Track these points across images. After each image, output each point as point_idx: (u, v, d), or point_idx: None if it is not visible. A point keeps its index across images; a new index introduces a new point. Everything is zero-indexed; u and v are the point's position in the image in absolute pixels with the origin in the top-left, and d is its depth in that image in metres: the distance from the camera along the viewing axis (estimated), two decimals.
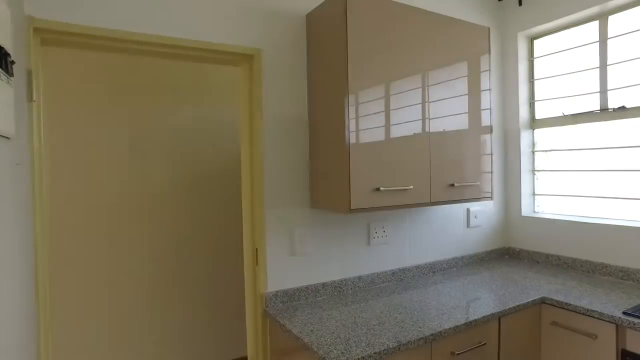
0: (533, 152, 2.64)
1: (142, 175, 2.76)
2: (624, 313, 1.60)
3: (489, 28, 2.09)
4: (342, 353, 1.32)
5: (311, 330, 1.51)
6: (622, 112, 2.19)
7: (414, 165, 1.78)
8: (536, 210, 2.63)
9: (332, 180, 1.71)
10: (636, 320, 1.54)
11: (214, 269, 3.01)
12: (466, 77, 2.00)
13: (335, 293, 1.94)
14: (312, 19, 1.84)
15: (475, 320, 1.60)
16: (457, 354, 1.56)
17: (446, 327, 1.52)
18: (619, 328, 1.61)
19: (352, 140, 1.61)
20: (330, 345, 1.38)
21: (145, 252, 2.77)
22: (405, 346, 1.40)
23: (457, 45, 1.96)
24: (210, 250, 2.99)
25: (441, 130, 1.88)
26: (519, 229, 2.59)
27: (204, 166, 2.97)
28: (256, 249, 1.80)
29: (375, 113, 1.67)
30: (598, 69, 2.30)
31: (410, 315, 1.64)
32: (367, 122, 1.65)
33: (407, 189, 1.75)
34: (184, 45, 1.62)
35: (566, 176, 2.46)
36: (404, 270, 2.15)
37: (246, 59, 1.80)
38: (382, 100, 1.69)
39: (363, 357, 1.31)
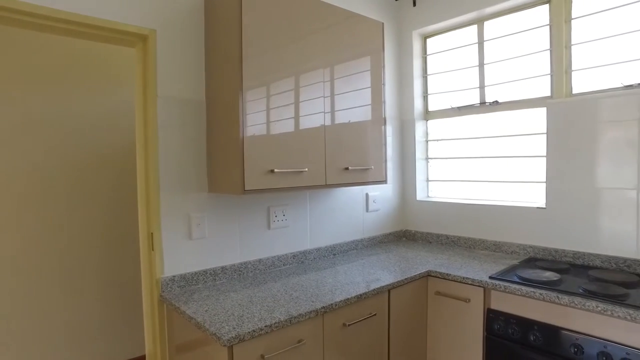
0: (427, 142, 2.87)
1: (30, 163, 2.53)
2: (490, 277, 1.82)
3: (383, 23, 2.24)
4: (234, 328, 1.35)
5: (205, 311, 1.52)
6: (496, 106, 2.47)
7: (309, 149, 1.86)
8: (430, 195, 2.87)
9: (227, 162, 1.72)
10: (497, 283, 1.77)
11: (109, 260, 2.85)
12: (362, 71, 2.12)
13: (236, 276, 1.95)
14: (210, 3, 1.83)
15: (366, 293, 1.71)
16: (349, 325, 1.66)
17: (337, 300, 1.61)
18: (486, 291, 1.83)
19: (247, 124, 1.63)
20: (222, 323, 1.40)
21: (31, 244, 2.55)
22: (297, 319, 1.46)
23: (353, 39, 2.06)
24: (104, 240, 2.83)
25: (337, 118, 1.98)
26: (414, 212, 2.80)
27: (98, 152, 2.81)
28: (151, 233, 1.75)
29: (268, 97, 1.71)
30: (477, 67, 2.57)
31: (306, 292, 1.71)
32: (260, 106, 1.68)
33: (302, 172, 1.82)
34: (72, 20, 1.53)
35: (454, 163, 2.72)
36: (304, 252, 2.23)
37: (141, 39, 1.75)
38: (276, 86, 1.74)
39: (254, 331, 1.34)
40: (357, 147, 2.08)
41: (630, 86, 1.96)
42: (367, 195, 2.59)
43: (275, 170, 1.71)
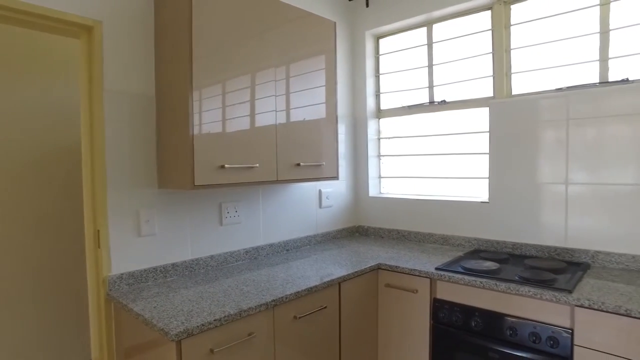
0: (379, 139, 2.95)
1: None
2: (436, 269, 1.91)
3: (335, 23, 2.28)
4: (182, 323, 1.34)
5: (154, 307, 1.50)
6: (444, 105, 2.58)
7: (260, 145, 1.87)
8: (382, 191, 2.95)
9: (177, 158, 1.70)
10: (442, 273, 1.86)
11: (51, 261, 2.73)
12: (314, 70, 2.15)
13: (187, 273, 1.94)
14: None
15: (317, 286, 1.75)
16: (299, 317, 1.69)
17: (288, 293, 1.64)
18: (432, 281, 1.92)
19: (197, 121, 1.62)
20: (171, 318, 1.39)
21: None
22: (247, 312, 1.47)
23: (306, 38, 2.09)
24: (49, 239, 2.71)
25: (288, 116, 2.00)
26: (367, 208, 2.88)
27: (40, 149, 2.68)
28: (98, 230, 1.71)
29: (219, 95, 1.71)
30: (427, 68, 2.68)
31: (257, 287, 1.72)
32: (211, 103, 1.68)
33: (253, 167, 1.83)
34: (8, 5, 1.46)
35: (405, 160, 2.81)
36: (257, 248, 2.24)
37: (85, 30, 1.70)
38: (227, 84, 1.74)
39: (203, 325, 1.34)
40: (308, 144, 2.11)
41: (561, 89, 2.11)
42: (320, 191, 2.63)
43: (226, 165, 1.72)
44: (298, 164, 2.04)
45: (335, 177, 2.28)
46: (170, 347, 1.31)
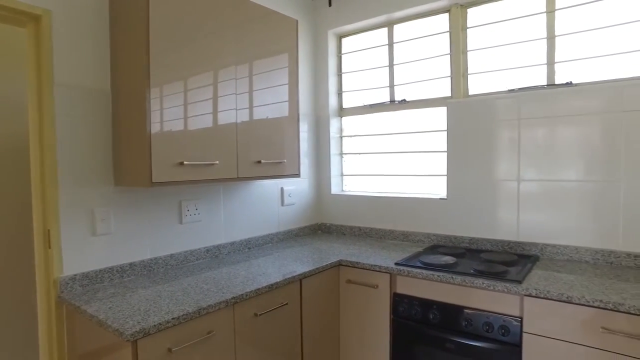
0: (341, 137, 2.98)
1: None
2: (396, 264, 1.96)
3: (297, 21, 2.29)
4: (139, 322, 1.31)
5: (109, 308, 1.45)
6: (404, 104, 2.64)
7: (220, 142, 1.85)
8: (344, 189, 2.99)
9: (134, 154, 1.65)
10: (402, 268, 1.90)
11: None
12: (276, 68, 2.15)
13: (145, 272, 1.89)
14: None
15: (277, 283, 1.75)
16: (260, 314, 1.68)
17: (248, 290, 1.63)
18: (392, 276, 1.96)
19: (155, 117, 1.59)
20: (127, 318, 1.35)
21: None
22: (206, 310, 1.46)
23: (267, 36, 2.08)
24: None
25: (249, 114, 1.99)
26: (329, 206, 2.90)
27: None
28: (48, 230, 1.63)
29: (177, 92, 1.68)
30: (388, 67, 2.73)
31: (217, 285, 1.70)
32: (169, 100, 1.65)
33: (213, 164, 1.80)
34: None
35: (367, 158, 2.86)
36: (218, 247, 2.21)
37: (32, 19, 1.62)
38: (185, 82, 1.71)
39: (160, 324, 1.32)
40: (270, 142, 2.11)
41: (513, 90, 2.21)
42: (282, 189, 2.63)
43: (185, 162, 1.69)
44: (259, 162, 2.03)
45: (297, 175, 2.28)
46: (126, 347, 1.28)
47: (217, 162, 1.82)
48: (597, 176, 1.94)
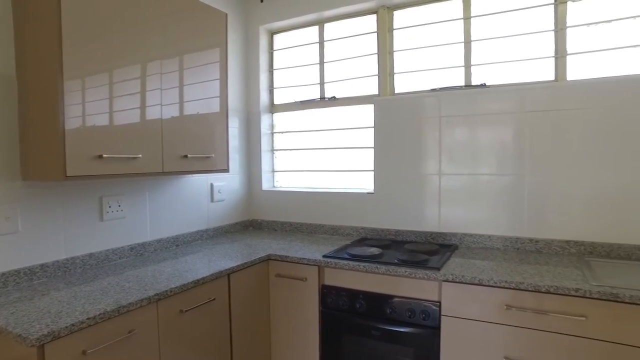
0: (272, 134, 2.98)
1: None
2: (324, 256, 2.00)
3: (226, 14, 2.25)
4: (47, 325, 1.22)
5: (11, 313, 1.33)
6: (334, 101, 2.70)
7: (144, 135, 1.77)
8: (275, 185, 2.99)
9: (46, 146, 1.53)
10: (329, 260, 1.95)
11: None
12: (205, 63, 2.10)
13: (60, 273, 1.76)
14: None
15: (204, 278, 1.72)
16: (186, 311, 1.64)
17: (173, 286, 1.58)
18: (320, 268, 2.00)
19: (70, 110, 1.48)
20: (33, 322, 1.25)
21: None
22: (126, 308, 1.39)
23: (195, 29, 2.03)
24: None
25: (176, 108, 1.93)
26: (261, 202, 2.89)
27: None
28: None
29: (96, 86, 1.59)
30: (318, 65, 2.78)
31: (140, 282, 1.64)
32: (86, 91, 1.55)
33: (136, 158, 1.73)
34: None
35: (298, 154, 2.88)
36: (144, 244, 2.12)
37: None
38: (104, 74, 1.62)
39: (73, 325, 1.24)
40: (197, 137, 2.05)
41: (435, 90, 2.35)
42: (211, 185, 2.57)
43: (104, 155, 1.59)
44: (185, 156, 1.97)
45: (226, 170, 2.25)
46: (31, 353, 1.19)
47: (140, 155, 1.75)
48: (507, 170, 2.11)
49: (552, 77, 2.12)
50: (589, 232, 1.97)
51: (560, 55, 2.10)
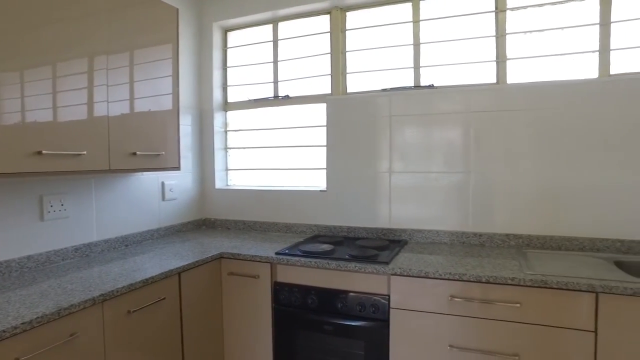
0: (226, 132, 2.96)
1: None
2: (276, 253, 2.01)
3: (177, 9, 2.21)
4: None
5: None
6: (288, 100, 2.72)
7: (89, 132, 1.70)
8: (229, 183, 2.97)
9: None
10: (281, 257, 1.97)
11: None
12: (155, 60, 2.06)
13: None
14: None
15: (153, 277, 1.68)
16: (134, 311, 1.60)
17: (119, 286, 1.54)
18: (272, 265, 2.01)
19: (4, 105, 1.41)
20: None
21: None
22: (68, 310, 1.34)
23: (144, 24, 1.97)
24: None
25: (124, 104, 1.88)
26: (214, 201, 2.86)
27: None
28: None
29: (34, 80, 1.52)
30: (272, 63, 2.78)
31: (85, 284, 1.58)
32: (27, 88, 1.48)
33: (80, 155, 1.66)
34: None
35: (252, 152, 2.87)
36: (90, 245, 2.04)
37: None
38: (44, 66, 1.55)
39: (4, 331, 1.16)
40: (146, 134, 2.00)
41: (385, 90, 2.42)
42: (163, 183, 2.52)
43: (44, 151, 1.53)
44: (134, 153, 1.92)
45: (177, 168, 2.21)
46: None
47: (85, 152, 1.68)
48: (454, 168, 2.21)
49: (494, 80, 2.25)
50: (527, 225, 2.10)
51: (500, 59, 2.22)
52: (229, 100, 2.95)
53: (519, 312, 1.59)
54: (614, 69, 2.04)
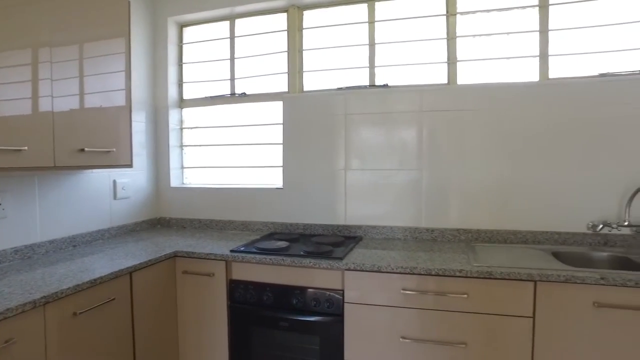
0: (181, 129, 2.90)
1: None
2: (231, 251, 2.00)
3: (129, 2, 2.14)
4: None
5: None
6: (244, 97, 2.70)
7: (31, 127, 1.63)
8: (185, 181, 2.91)
9: None
10: (236, 255, 1.95)
11: None
12: (106, 54, 1.99)
13: None
14: None
15: (102, 278, 1.62)
16: (80, 313, 1.54)
17: (64, 287, 1.48)
18: (228, 263, 1.99)
19: None
20: None
21: None
22: (3, 315, 1.27)
23: (92, 16, 1.90)
24: None
25: (70, 99, 1.80)
26: (169, 199, 2.79)
27: None
28: None
29: None
30: (229, 60, 2.75)
31: (25, 286, 1.50)
32: None
33: (20, 150, 1.58)
34: None
35: (209, 150, 2.83)
36: (32, 246, 1.95)
37: None
38: None
39: None
40: (95, 130, 1.93)
41: (341, 89, 2.45)
42: (114, 181, 2.43)
43: None
44: (82, 150, 1.85)
45: (130, 165, 2.14)
46: None
47: (26, 148, 1.61)
48: (407, 166, 2.28)
49: (446, 81, 2.33)
50: (476, 220, 2.19)
51: (451, 61, 2.31)
52: (184, 97, 2.89)
53: (466, 302, 1.66)
54: (553, 74, 2.17)
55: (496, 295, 1.62)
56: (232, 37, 2.75)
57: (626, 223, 1.93)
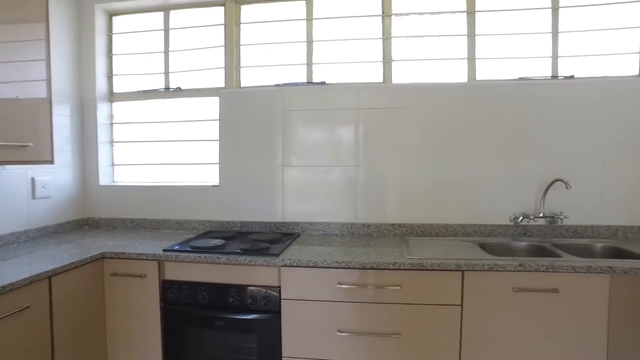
0: (111, 124, 2.74)
1: None
2: (164, 250, 1.92)
3: None
4: None
5: None
6: (179, 92, 2.60)
7: None
8: (115, 179, 2.75)
9: None
10: (170, 254, 1.88)
11: None
12: (16, 39, 1.83)
13: None
14: None
15: (12, 284, 1.48)
16: None
17: None
18: (160, 263, 1.91)
19: None
20: None
21: None
22: None
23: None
24: None
25: None
26: (98, 198, 2.63)
27: None
28: None
29: None
30: (163, 53, 2.64)
31: None
32: None
33: None
34: None
35: (141, 146, 2.70)
36: None
37: None
38: None
39: None
40: (7, 122, 1.77)
41: (279, 85, 2.44)
42: (33, 179, 2.24)
43: None
44: None
45: (50, 162, 1.99)
46: None
47: None
48: (344, 162, 2.31)
49: (381, 79, 2.39)
50: (409, 215, 2.27)
51: (386, 60, 2.37)
52: (114, 91, 2.73)
53: (399, 294, 1.71)
54: (480, 76, 2.30)
55: (427, 286, 1.69)
56: (166, 29, 2.64)
57: (541, 214, 2.09)
